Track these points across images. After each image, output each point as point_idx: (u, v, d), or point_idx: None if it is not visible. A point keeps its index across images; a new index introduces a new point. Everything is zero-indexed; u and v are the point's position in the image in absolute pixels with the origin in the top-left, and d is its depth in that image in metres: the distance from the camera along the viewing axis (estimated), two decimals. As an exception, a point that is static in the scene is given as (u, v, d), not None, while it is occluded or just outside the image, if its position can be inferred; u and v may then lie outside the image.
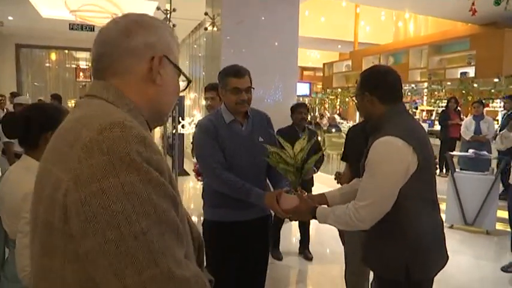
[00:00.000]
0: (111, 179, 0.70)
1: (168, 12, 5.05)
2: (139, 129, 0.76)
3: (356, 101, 1.88)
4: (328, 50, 15.43)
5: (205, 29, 5.37)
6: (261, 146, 2.26)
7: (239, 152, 2.26)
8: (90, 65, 11.09)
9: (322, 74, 15.07)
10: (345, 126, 11.64)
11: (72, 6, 7.77)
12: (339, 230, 2.57)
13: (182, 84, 1.00)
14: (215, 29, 5.40)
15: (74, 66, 11.89)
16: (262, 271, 2.47)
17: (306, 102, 16.54)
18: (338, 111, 14.65)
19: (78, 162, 0.71)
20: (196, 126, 2.47)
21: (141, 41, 0.87)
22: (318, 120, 13.47)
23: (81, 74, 11.11)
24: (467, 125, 6.59)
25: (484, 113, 6.69)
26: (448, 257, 1.77)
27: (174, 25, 5.12)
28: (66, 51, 11.92)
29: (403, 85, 1.90)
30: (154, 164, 0.74)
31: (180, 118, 6.65)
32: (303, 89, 15.88)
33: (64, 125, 0.83)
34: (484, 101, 7.10)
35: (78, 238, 0.71)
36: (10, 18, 8.69)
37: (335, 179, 2.76)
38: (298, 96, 16.14)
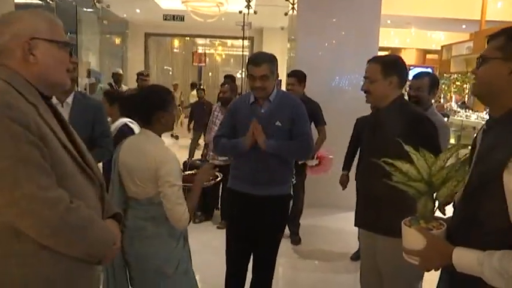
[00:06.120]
0: None
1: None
2: (9, 97, 1.09)
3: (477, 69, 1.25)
4: (451, 31, 13.98)
5: (286, 13, 5.56)
6: (277, 129, 2.43)
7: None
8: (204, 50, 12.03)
9: (439, 57, 13.79)
10: (462, 115, 10.56)
11: (184, -2, 8.69)
12: None
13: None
14: (295, 13, 5.55)
15: (192, 51, 13.22)
16: (270, 246, 2.57)
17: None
18: (465, 99, 13.26)
19: None
20: None
21: (8, 36, 1.16)
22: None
23: (197, 58, 12.27)
24: None
25: None
26: None
27: (255, 12, 5.41)
28: (187, 38, 13.28)
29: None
30: (18, 120, 1.06)
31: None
32: (423, 73, 14.70)
33: None
34: None
35: None
36: (138, 11, 10.08)
37: None
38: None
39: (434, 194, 1.29)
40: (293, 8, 5.54)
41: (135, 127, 3.09)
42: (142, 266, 1.90)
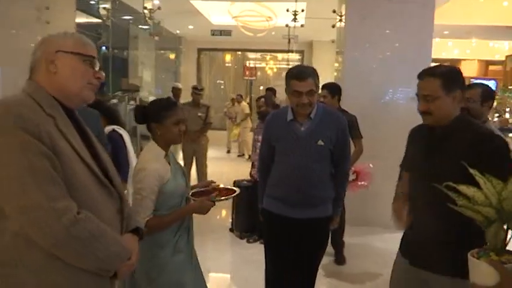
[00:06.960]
0: None
1: (296, 13, 5.34)
2: (23, 109, 1.13)
3: None
4: (516, 39, 13.10)
5: (333, 26, 5.46)
6: (319, 149, 2.28)
7: (291, 151, 2.32)
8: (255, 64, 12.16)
9: (503, 68, 12.90)
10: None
11: (234, 13, 8.86)
12: None
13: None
14: (343, 24, 5.44)
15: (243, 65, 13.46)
16: (309, 270, 2.47)
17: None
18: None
19: None
20: None
21: (39, 53, 1.26)
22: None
23: (247, 72, 12.44)
24: None
25: None
26: None
27: (302, 25, 5.38)
28: (239, 52, 13.52)
29: None
30: (29, 131, 1.09)
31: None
32: (485, 86, 13.83)
33: None
34: None
35: None
36: (190, 27, 10.42)
37: None
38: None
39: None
40: (340, 20, 5.43)
41: (124, 133, 3.12)
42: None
